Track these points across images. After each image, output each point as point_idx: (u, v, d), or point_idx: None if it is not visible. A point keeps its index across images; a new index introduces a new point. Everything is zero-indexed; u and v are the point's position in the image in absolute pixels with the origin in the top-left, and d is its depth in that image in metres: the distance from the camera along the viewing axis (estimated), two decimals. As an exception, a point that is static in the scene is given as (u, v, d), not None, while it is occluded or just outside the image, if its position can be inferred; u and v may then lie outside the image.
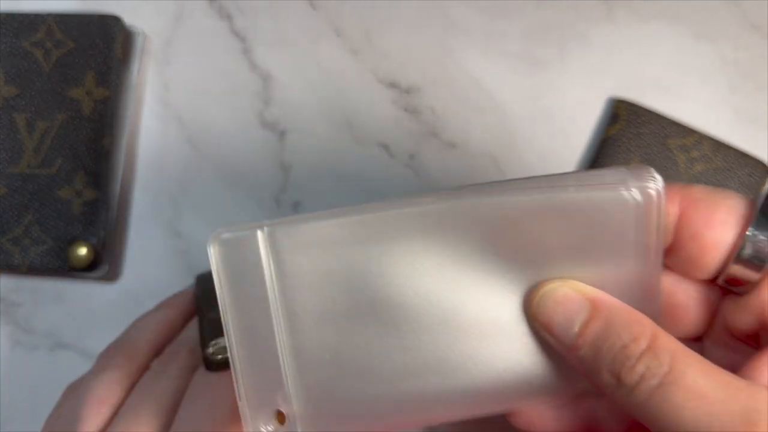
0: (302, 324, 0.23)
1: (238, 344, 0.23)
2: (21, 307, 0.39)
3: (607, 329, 0.21)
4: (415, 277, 0.23)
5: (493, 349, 0.23)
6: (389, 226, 0.22)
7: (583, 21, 0.41)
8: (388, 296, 0.23)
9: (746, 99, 0.41)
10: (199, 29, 0.41)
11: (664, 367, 0.20)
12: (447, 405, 0.24)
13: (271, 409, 0.23)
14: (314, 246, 0.22)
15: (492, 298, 0.23)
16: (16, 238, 0.38)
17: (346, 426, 0.24)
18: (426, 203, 0.22)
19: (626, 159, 0.39)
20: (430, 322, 0.23)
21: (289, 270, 0.22)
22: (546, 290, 0.23)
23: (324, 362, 0.23)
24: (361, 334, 0.23)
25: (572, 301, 0.22)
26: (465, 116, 0.41)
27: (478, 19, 0.41)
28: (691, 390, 0.20)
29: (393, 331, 0.23)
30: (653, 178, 0.22)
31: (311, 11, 0.42)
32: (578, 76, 0.41)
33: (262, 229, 0.22)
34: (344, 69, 0.41)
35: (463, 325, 0.23)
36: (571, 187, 0.22)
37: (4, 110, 0.39)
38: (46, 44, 0.39)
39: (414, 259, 0.23)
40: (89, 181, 0.38)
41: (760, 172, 0.38)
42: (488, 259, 0.23)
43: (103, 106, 0.39)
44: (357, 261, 0.23)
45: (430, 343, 0.23)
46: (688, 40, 0.41)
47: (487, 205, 0.22)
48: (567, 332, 0.22)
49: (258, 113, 0.41)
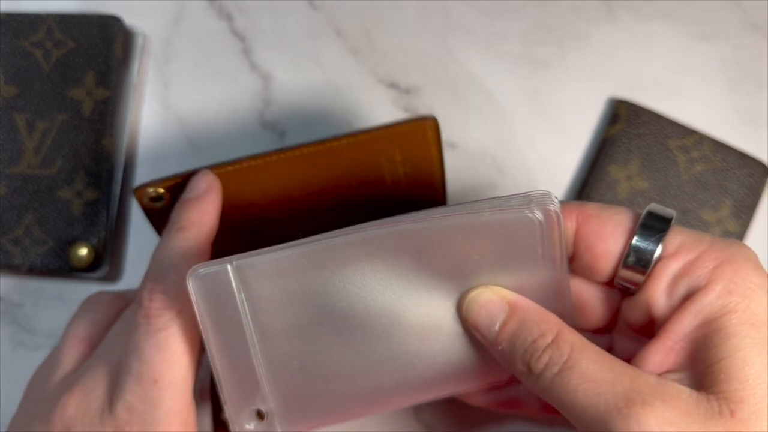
0: (272, 338, 0.27)
1: (219, 359, 0.27)
2: (22, 307, 0.39)
3: (521, 327, 0.26)
4: (363, 292, 0.27)
5: (434, 348, 0.28)
6: (338, 252, 0.26)
7: (583, 21, 0.41)
8: (343, 310, 0.27)
9: (746, 99, 0.41)
10: (199, 29, 0.41)
11: (563, 356, 0.24)
12: (399, 396, 0.28)
13: (252, 409, 0.28)
14: (276, 273, 0.27)
15: (430, 306, 0.27)
16: (17, 238, 0.38)
17: (316, 420, 0.28)
18: (367, 231, 0.26)
19: (626, 159, 0.39)
20: (380, 329, 0.27)
21: (256, 294, 0.27)
22: (472, 295, 0.27)
23: (293, 368, 0.27)
24: (322, 343, 0.27)
25: (493, 304, 0.26)
26: (465, 116, 0.41)
27: (479, 19, 0.41)
28: (584, 375, 0.23)
29: (349, 339, 0.27)
30: (552, 201, 0.26)
31: (311, 11, 0.42)
32: (578, 76, 0.41)
33: (231, 263, 0.26)
34: (344, 69, 0.41)
35: (407, 330, 0.27)
36: (486, 211, 0.26)
37: (4, 110, 0.39)
38: (46, 44, 0.39)
39: (361, 278, 0.27)
40: (90, 182, 0.38)
41: (760, 172, 0.39)
42: (424, 273, 0.27)
43: (103, 106, 0.39)
44: (313, 283, 0.27)
45: (381, 347, 0.27)
46: (688, 40, 0.41)
47: (419, 229, 0.26)
48: (489, 330, 0.26)
49: (258, 113, 0.41)
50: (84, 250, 0.37)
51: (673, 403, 0.22)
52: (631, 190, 0.38)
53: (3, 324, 0.39)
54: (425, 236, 0.27)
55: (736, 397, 0.22)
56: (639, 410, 0.22)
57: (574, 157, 0.40)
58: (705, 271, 0.24)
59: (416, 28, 0.41)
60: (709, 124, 0.40)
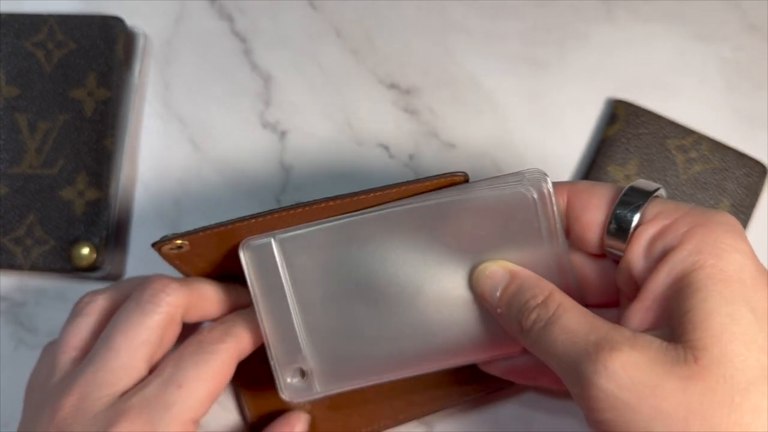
0: (309, 305, 0.31)
1: (266, 320, 0.31)
2: (24, 306, 0.39)
3: (518, 291, 0.28)
4: (386, 265, 0.30)
5: (451, 318, 0.30)
6: (361, 228, 0.30)
7: (582, 21, 0.41)
8: (369, 281, 0.30)
9: (745, 99, 0.41)
10: (200, 30, 0.42)
11: (549, 313, 0.27)
12: (421, 361, 0.31)
13: (294, 366, 0.31)
14: (312, 247, 0.31)
15: (446, 279, 0.30)
16: (19, 238, 0.38)
17: (348, 380, 0.31)
18: (384, 210, 0.30)
19: (625, 159, 0.39)
20: (401, 299, 0.30)
21: (296, 265, 0.31)
22: (480, 268, 0.30)
23: (328, 332, 0.31)
24: (352, 311, 0.31)
25: (498, 274, 0.29)
26: (464, 117, 0.41)
27: (478, 20, 0.41)
28: (564, 327, 0.26)
29: (375, 308, 0.31)
30: (544, 179, 0.29)
31: (312, 12, 0.42)
32: (577, 77, 0.41)
33: (275, 237, 0.30)
34: (345, 69, 0.41)
35: (425, 301, 0.30)
36: (485, 188, 0.29)
37: (6, 110, 0.39)
38: (48, 45, 0.40)
39: (383, 252, 0.30)
40: (91, 182, 0.38)
41: (758, 172, 0.39)
42: (438, 248, 0.30)
43: (105, 106, 0.39)
44: (342, 256, 0.30)
45: (403, 316, 0.30)
46: (687, 40, 0.41)
47: (429, 206, 0.30)
48: (493, 296, 0.29)
49: (259, 114, 0.41)
50: (86, 249, 0.37)
51: (640, 350, 0.24)
52: (630, 190, 0.39)
53: (5, 323, 0.39)
54: (435, 213, 0.30)
55: (701, 345, 0.23)
56: (606, 354, 0.24)
57: (573, 157, 0.40)
58: (678, 233, 0.26)
59: (416, 28, 0.42)
60: (708, 125, 0.40)
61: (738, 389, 0.23)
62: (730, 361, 0.23)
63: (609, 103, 0.41)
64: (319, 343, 0.31)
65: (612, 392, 0.23)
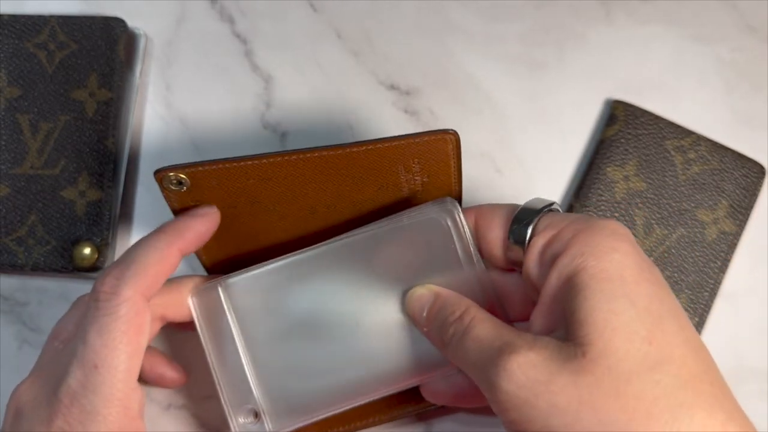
0: (257, 345, 0.32)
1: (216, 365, 0.32)
2: (27, 306, 0.39)
3: (440, 309, 0.30)
4: (326, 299, 0.32)
5: (390, 345, 0.32)
6: (302, 267, 0.32)
7: (581, 23, 0.42)
8: (312, 316, 0.32)
9: (743, 100, 0.41)
10: (201, 31, 0.42)
11: (464, 326, 0.29)
12: (367, 389, 0.32)
13: (246, 407, 0.32)
14: (256, 290, 0.33)
15: (382, 307, 0.32)
16: (20, 238, 0.38)
17: (298, 416, 0.32)
18: (321, 246, 0.32)
19: (624, 160, 0.39)
20: (343, 330, 0.32)
21: (241, 308, 0.33)
22: (410, 292, 0.32)
23: (277, 371, 0.32)
24: (298, 347, 0.32)
25: (424, 297, 0.31)
26: (464, 117, 0.41)
27: (478, 22, 0.42)
28: (474, 338, 0.28)
29: (319, 342, 0.32)
30: (454, 206, 0.32)
31: (312, 13, 0.42)
32: (576, 78, 0.41)
33: (221, 283, 0.33)
34: (345, 71, 0.41)
35: (366, 330, 0.32)
36: (404, 219, 0.32)
37: (8, 111, 0.39)
38: (49, 46, 0.40)
39: (322, 288, 0.32)
40: (93, 182, 0.38)
41: (756, 173, 0.39)
42: (373, 279, 0.32)
43: (106, 107, 0.39)
44: (286, 295, 0.33)
45: (345, 347, 0.32)
46: (685, 41, 0.42)
47: (360, 239, 0.32)
48: (421, 317, 0.31)
49: (260, 114, 0.41)
50: (87, 249, 0.38)
51: (537, 350, 0.26)
52: (629, 190, 0.39)
53: (8, 322, 0.39)
54: (366, 246, 0.32)
55: (587, 341, 0.25)
56: (506, 357, 0.26)
57: (572, 158, 0.41)
58: (564, 240, 0.28)
59: (416, 30, 0.42)
60: (706, 125, 0.40)
61: (622, 378, 0.24)
62: (614, 352, 0.25)
63: (608, 103, 0.41)
64: (268, 383, 0.32)
65: (513, 392, 0.25)
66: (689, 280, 0.38)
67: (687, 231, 0.38)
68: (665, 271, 0.38)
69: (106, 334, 0.28)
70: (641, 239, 0.38)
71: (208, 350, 0.32)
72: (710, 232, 0.38)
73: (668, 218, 0.39)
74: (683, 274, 0.38)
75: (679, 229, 0.38)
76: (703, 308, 0.38)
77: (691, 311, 0.38)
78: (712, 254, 0.38)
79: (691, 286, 0.38)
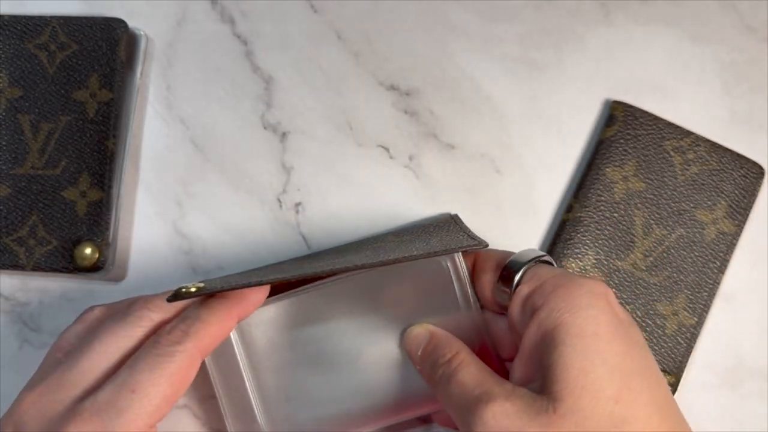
0: (263, 375, 0.34)
1: (224, 395, 0.34)
2: (28, 306, 0.39)
3: (433, 350, 0.32)
4: (329, 334, 0.34)
5: (389, 378, 0.34)
6: (310, 301, 0.34)
7: (580, 24, 0.42)
8: (315, 349, 0.34)
9: (742, 101, 0.41)
10: (201, 32, 0.42)
11: (451, 369, 0.30)
12: (366, 419, 0.34)
13: None
14: (264, 323, 0.34)
15: (383, 342, 0.34)
16: (21, 238, 0.38)
17: None
18: (325, 284, 0.34)
19: (623, 160, 0.39)
20: (345, 363, 0.34)
21: (249, 340, 0.34)
22: (408, 330, 0.34)
23: (281, 400, 0.34)
24: (302, 377, 0.34)
25: (420, 336, 0.33)
26: (464, 118, 0.41)
27: (477, 23, 0.42)
28: (458, 382, 0.29)
29: (322, 373, 0.34)
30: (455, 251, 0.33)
31: (312, 14, 0.42)
32: (575, 78, 0.41)
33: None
34: (345, 71, 0.41)
35: (366, 363, 0.34)
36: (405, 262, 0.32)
37: (9, 112, 0.39)
38: (50, 47, 0.40)
39: (328, 322, 0.34)
40: (94, 182, 0.39)
41: (755, 173, 0.39)
42: (376, 316, 0.34)
43: (107, 108, 0.39)
44: (292, 328, 0.34)
45: (347, 379, 0.34)
46: (684, 42, 0.42)
47: (364, 279, 0.34)
48: (416, 355, 0.33)
49: (260, 115, 0.41)
50: (88, 249, 0.38)
51: (513, 401, 0.27)
52: (628, 191, 0.39)
53: (9, 322, 0.39)
54: (371, 285, 0.34)
55: (559, 396, 0.26)
56: (483, 406, 0.27)
57: (571, 159, 0.41)
58: (545, 293, 0.29)
59: (416, 31, 0.42)
60: (705, 126, 0.40)
61: None
62: (581, 410, 0.26)
63: (607, 104, 0.41)
64: (273, 412, 0.34)
65: None
66: (688, 280, 0.38)
67: (686, 231, 0.39)
68: (665, 271, 0.38)
69: (157, 370, 0.30)
70: (640, 239, 0.38)
71: (215, 380, 0.34)
72: (709, 232, 0.39)
73: (667, 218, 0.39)
74: (682, 275, 0.38)
75: (678, 230, 0.39)
76: (702, 308, 0.38)
77: (690, 311, 0.38)
78: (711, 254, 0.38)
79: (690, 286, 0.38)
